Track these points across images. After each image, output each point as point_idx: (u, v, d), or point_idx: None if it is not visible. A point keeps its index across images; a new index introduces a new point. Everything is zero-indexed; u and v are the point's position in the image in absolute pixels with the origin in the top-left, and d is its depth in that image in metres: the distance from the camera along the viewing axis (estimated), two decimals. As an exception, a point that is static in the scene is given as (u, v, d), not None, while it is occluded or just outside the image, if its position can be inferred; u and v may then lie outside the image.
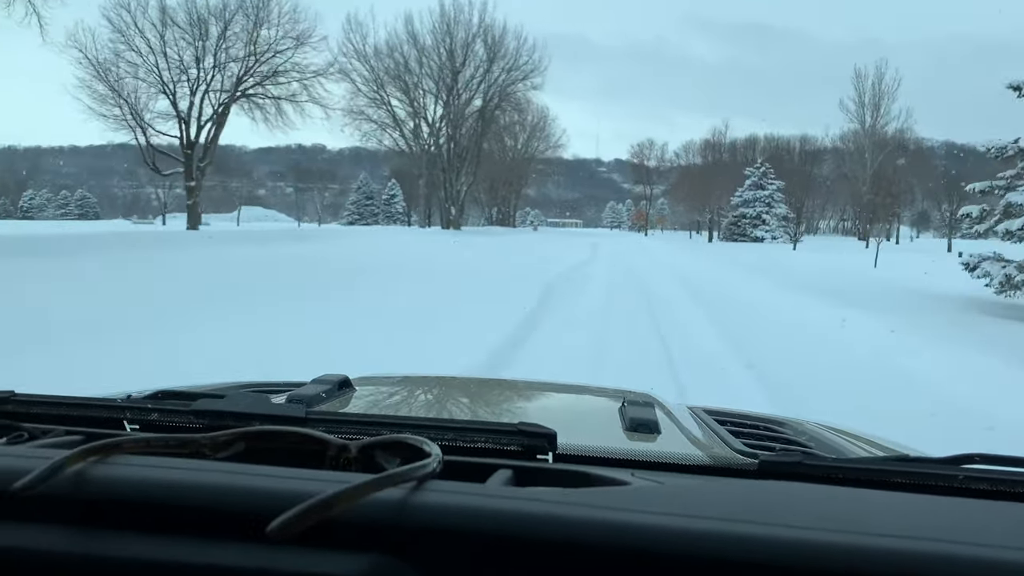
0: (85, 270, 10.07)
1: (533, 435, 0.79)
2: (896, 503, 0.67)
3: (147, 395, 1.06)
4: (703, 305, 10.96)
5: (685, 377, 5.70)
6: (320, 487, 0.55)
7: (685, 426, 1.15)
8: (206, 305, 8.16)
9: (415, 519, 0.56)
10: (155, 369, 4.88)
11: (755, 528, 0.54)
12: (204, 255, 14.07)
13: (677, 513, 0.57)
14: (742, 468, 0.84)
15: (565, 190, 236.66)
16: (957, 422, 4.48)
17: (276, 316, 7.76)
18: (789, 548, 0.53)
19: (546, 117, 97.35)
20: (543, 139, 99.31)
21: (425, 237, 32.39)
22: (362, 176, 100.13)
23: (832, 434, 1.36)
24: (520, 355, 6.29)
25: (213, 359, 5.27)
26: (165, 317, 7.13)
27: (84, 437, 0.78)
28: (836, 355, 6.96)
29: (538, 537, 0.55)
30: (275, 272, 12.32)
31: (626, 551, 0.53)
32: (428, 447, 0.66)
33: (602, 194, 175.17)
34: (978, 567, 0.51)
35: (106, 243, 13.98)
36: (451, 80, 69.10)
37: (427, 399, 1.51)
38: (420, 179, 68.78)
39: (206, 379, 1.61)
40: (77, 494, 0.59)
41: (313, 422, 0.82)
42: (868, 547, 0.52)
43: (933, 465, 0.81)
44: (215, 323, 6.98)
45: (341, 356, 5.45)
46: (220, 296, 8.91)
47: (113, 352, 5.41)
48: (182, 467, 0.63)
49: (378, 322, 7.60)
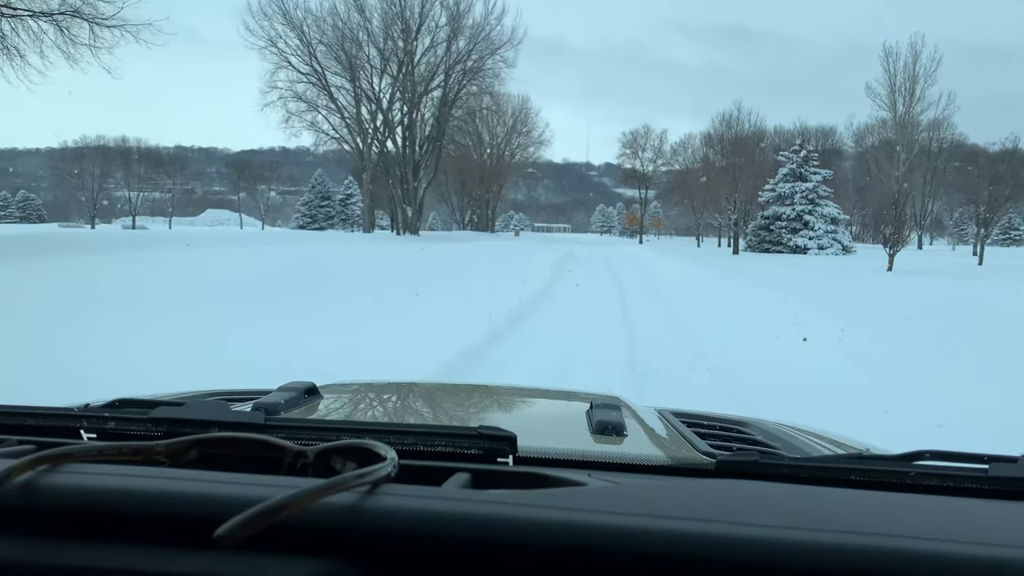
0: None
1: (493, 438, 0.79)
2: (849, 500, 0.68)
3: (104, 404, 1.02)
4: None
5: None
6: (273, 492, 0.54)
7: (651, 428, 1.16)
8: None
9: (367, 523, 0.55)
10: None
11: (710, 526, 0.55)
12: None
13: (632, 512, 0.57)
14: (700, 468, 0.85)
15: (554, 194, 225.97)
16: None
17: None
18: (744, 545, 0.53)
19: (527, 109, 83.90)
20: (525, 133, 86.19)
21: (332, 247, 21.67)
22: (317, 174, 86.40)
23: (797, 433, 1.36)
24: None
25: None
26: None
27: (37, 447, 0.76)
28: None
29: (492, 539, 0.55)
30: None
31: (581, 551, 0.54)
32: (384, 451, 0.66)
33: (592, 198, 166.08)
34: (928, 561, 0.52)
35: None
36: (402, 52, 55.55)
37: (392, 405, 1.51)
38: (363, 173, 55.37)
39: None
40: (24, 503, 0.58)
41: (272, 428, 0.82)
42: (821, 543, 0.53)
43: (886, 463, 0.83)
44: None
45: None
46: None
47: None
48: (133, 474, 0.61)
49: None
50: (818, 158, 39.16)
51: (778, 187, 37.78)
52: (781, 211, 37.28)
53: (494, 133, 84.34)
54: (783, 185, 37.58)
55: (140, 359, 5.12)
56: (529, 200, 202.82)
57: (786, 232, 36.91)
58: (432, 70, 57.60)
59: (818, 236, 36.23)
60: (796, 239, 36.34)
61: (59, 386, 4.03)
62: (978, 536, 0.56)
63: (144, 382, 4.14)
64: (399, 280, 12.77)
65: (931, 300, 11.75)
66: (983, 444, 2.64)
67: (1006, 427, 4.06)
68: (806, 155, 37.89)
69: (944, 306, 10.70)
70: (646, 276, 17.91)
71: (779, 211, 37.39)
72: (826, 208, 37.09)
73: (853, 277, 18.24)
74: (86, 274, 10.16)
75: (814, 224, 36.50)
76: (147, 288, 9.04)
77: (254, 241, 23.58)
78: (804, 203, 37.02)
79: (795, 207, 36.99)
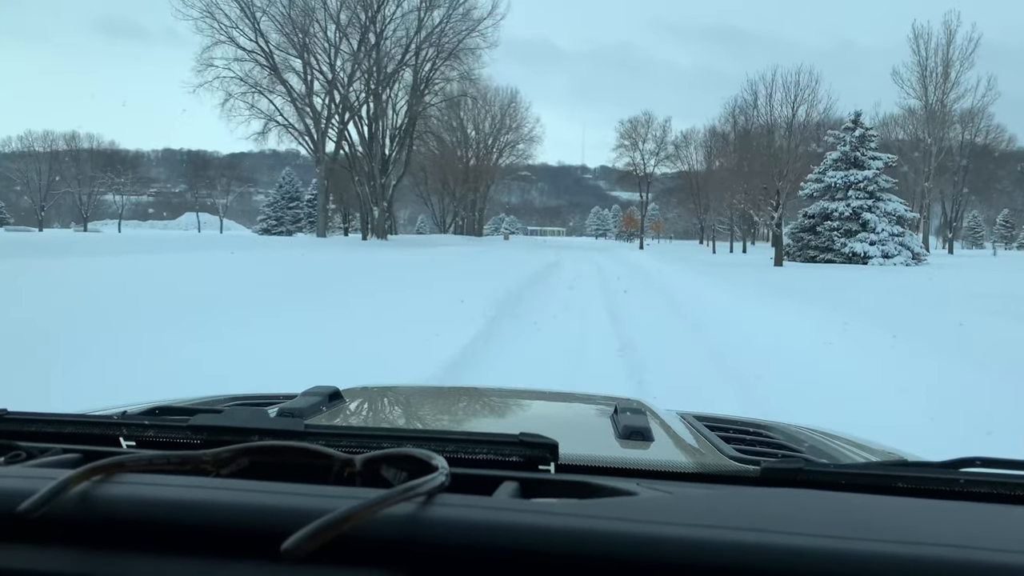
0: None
1: (535, 446, 0.79)
2: (899, 508, 0.67)
3: (143, 411, 1.04)
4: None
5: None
6: (331, 503, 0.55)
7: (677, 432, 1.15)
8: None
9: (427, 534, 0.56)
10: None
11: (765, 536, 0.55)
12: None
13: (688, 523, 0.57)
14: (745, 476, 0.85)
15: (549, 197, 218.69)
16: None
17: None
18: (799, 556, 0.53)
19: (516, 103, 75.03)
20: (514, 129, 77.23)
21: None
22: (284, 173, 77.31)
23: (820, 436, 1.35)
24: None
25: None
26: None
27: (82, 455, 0.78)
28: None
29: (551, 550, 0.55)
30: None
31: (639, 562, 0.54)
32: (435, 460, 0.66)
33: (588, 201, 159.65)
34: (982, 571, 0.51)
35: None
36: (362, 22, 46.78)
37: (419, 410, 1.50)
38: (317, 166, 46.41)
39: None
40: (82, 515, 0.58)
41: (313, 436, 0.82)
42: (875, 553, 0.53)
43: (934, 469, 0.82)
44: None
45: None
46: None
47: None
48: (187, 484, 0.62)
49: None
50: (877, 138, 30.37)
51: (826, 176, 28.95)
52: (831, 208, 28.46)
53: (480, 128, 75.79)
54: (833, 174, 28.75)
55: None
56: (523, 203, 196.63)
57: (839, 235, 28.09)
58: (403, 48, 48.99)
59: (881, 240, 27.43)
60: (852, 244, 27.53)
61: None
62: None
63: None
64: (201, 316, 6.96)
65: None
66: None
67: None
68: (863, 135, 29.08)
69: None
70: (682, 325, 9.03)
71: (828, 208, 28.56)
72: (890, 204, 28.32)
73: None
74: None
75: (875, 224, 27.71)
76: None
77: (164, 248, 20.65)
78: (862, 197, 28.22)
79: (850, 202, 28.17)
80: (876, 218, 27.73)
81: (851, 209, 27.99)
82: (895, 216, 28.12)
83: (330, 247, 30.15)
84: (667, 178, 57.35)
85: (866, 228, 27.75)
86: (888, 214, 27.98)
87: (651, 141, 51.18)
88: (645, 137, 51.16)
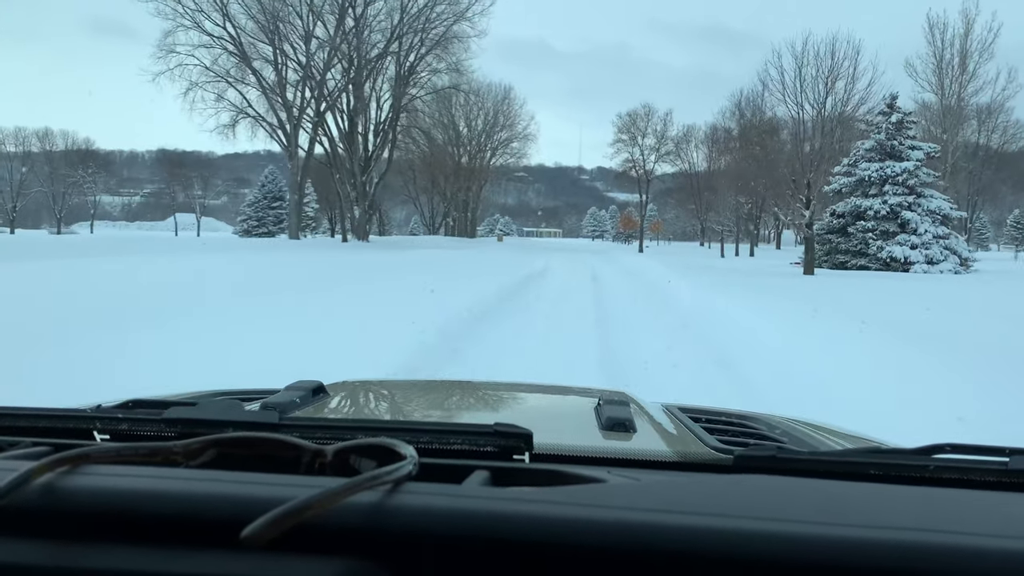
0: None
1: (509, 435, 0.80)
2: (870, 494, 0.68)
3: (117, 404, 1.04)
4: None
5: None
6: (294, 492, 0.55)
7: (660, 423, 1.16)
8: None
9: (391, 522, 0.56)
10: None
11: (732, 522, 0.55)
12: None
13: (654, 508, 0.57)
14: (717, 464, 0.85)
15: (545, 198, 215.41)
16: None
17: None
18: (766, 541, 0.53)
19: (510, 99, 71.34)
20: (508, 126, 73.38)
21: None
22: (267, 171, 73.06)
23: (804, 427, 1.34)
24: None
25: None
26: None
27: (52, 448, 0.77)
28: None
29: (516, 537, 0.55)
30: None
31: (605, 548, 0.54)
32: (403, 449, 0.66)
33: (584, 202, 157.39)
34: (951, 554, 0.52)
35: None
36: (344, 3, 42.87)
37: (402, 403, 1.49)
38: (290, 162, 42.12)
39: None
40: (46, 505, 0.58)
41: (287, 427, 0.82)
42: (846, 538, 0.53)
43: (905, 456, 0.83)
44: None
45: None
46: None
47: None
48: (153, 475, 0.62)
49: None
50: (917, 125, 26.50)
51: (858, 168, 25.02)
52: (865, 206, 24.52)
53: (473, 125, 71.79)
54: (867, 166, 24.80)
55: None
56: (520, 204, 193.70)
57: (874, 237, 24.15)
58: (384, 36, 44.93)
59: (924, 243, 23.52)
60: (891, 247, 23.58)
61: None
62: (999, 529, 0.56)
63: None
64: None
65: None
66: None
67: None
68: (900, 120, 25.17)
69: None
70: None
71: (861, 205, 24.62)
72: (933, 201, 24.41)
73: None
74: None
75: (917, 225, 23.79)
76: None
77: (126, 250, 19.62)
78: (901, 192, 24.31)
79: (887, 199, 24.25)
80: (918, 217, 23.80)
81: (888, 207, 24.04)
82: (939, 215, 24.19)
83: (292, 250, 26.55)
84: (666, 178, 53.44)
85: (906, 229, 23.82)
86: (931, 212, 24.05)
87: (651, 136, 46.92)
88: (645, 131, 47.03)
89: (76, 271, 11.89)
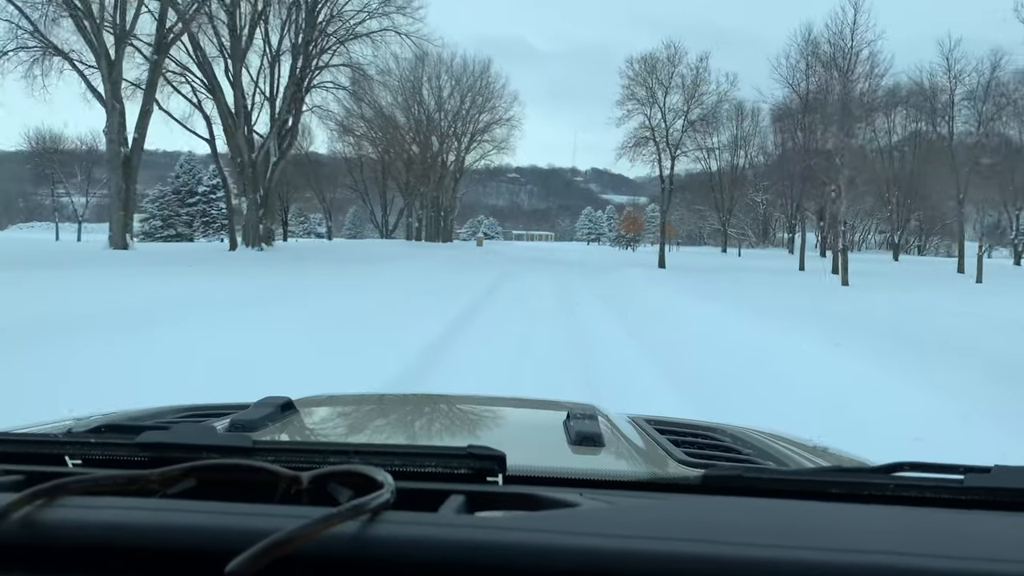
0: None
1: (483, 458, 0.80)
2: (831, 514, 0.71)
3: (89, 428, 1.03)
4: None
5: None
6: (275, 523, 0.55)
7: (628, 437, 1.18)
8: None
9: (372, 553, 0.56)
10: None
11: (702, 547, 0.57)
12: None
13: (627, 535, 0.58)
14: (687, 484, 0.88)
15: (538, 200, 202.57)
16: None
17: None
18: (735, 566, 0.55)
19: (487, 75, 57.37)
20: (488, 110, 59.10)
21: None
22: (182, 160, 58.41)
23: (764, 438, 1.38)
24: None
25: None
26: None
27: (24, 476, 0.77)
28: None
29: (492, 565, 0.55)
30: None
31: (581, 574, 0.55)
32: (380, 476, 0.66)
33: (578, 204, 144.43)
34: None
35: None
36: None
37: (372, 420, 1.50)
38: (108, 119, 25.20)
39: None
40: (25, 539, 0.57)
41: (260, 452, 0.83)
42: (804, 561, 0.55)
43: (866, 475, 0.86)
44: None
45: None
46: None
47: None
48: (132, 507, 0.62)
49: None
50: None
51: None
52: None
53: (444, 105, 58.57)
54: None
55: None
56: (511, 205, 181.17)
57: None
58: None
59: None
60: None
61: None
62: (951, 550, 0.58)
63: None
64: None
65: None
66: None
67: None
68: None
69: None
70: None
71: None
72: None
73: None
74: None
75: None
76: None
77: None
78: None
79: None
80: None
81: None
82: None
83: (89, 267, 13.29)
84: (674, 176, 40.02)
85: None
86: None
87: (676, 91, 30.34)
88: (668, 85, 30.75)
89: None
